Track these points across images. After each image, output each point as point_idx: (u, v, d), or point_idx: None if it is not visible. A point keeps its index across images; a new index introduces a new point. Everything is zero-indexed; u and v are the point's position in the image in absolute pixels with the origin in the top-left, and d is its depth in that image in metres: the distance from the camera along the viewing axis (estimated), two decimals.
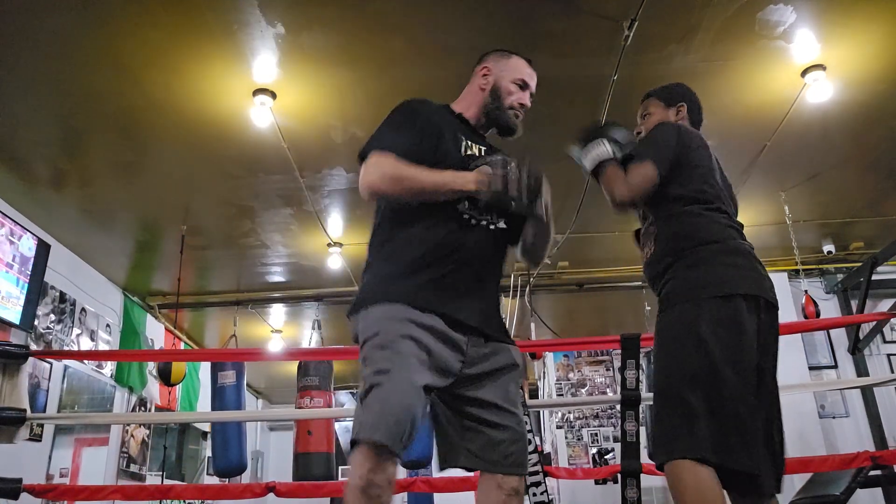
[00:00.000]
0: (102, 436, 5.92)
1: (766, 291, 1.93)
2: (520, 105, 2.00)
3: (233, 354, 5.73)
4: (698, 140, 2.13)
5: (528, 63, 2.05)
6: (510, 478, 1.70)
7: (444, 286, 1.72)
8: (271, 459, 10.34)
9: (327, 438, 5.54)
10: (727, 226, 2.02)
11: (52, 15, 3.14)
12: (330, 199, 4.98)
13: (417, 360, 1.61)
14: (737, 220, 2.10)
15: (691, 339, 1.84)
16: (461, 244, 1.75)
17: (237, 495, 3.59)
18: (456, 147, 1.87)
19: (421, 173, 1.74)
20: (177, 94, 3.72)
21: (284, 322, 7.53)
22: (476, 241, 1.78)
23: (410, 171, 1.73)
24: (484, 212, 1.81)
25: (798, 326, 4.82)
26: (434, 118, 1.90)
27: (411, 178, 1.73)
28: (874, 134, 4.39)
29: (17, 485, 2.96)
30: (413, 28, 3.38)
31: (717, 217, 2.02)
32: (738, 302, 1.86)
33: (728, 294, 1.87)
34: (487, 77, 2.00)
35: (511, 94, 1.98)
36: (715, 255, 1.95)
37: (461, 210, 1.78)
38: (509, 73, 2.00)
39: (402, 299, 1.68)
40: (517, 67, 2.02)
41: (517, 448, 1.72)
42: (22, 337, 4.63)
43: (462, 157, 1.86)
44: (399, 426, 1.52)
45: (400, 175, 1.73)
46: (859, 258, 6.01)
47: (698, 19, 3.38)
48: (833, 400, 5.90)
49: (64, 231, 5.18)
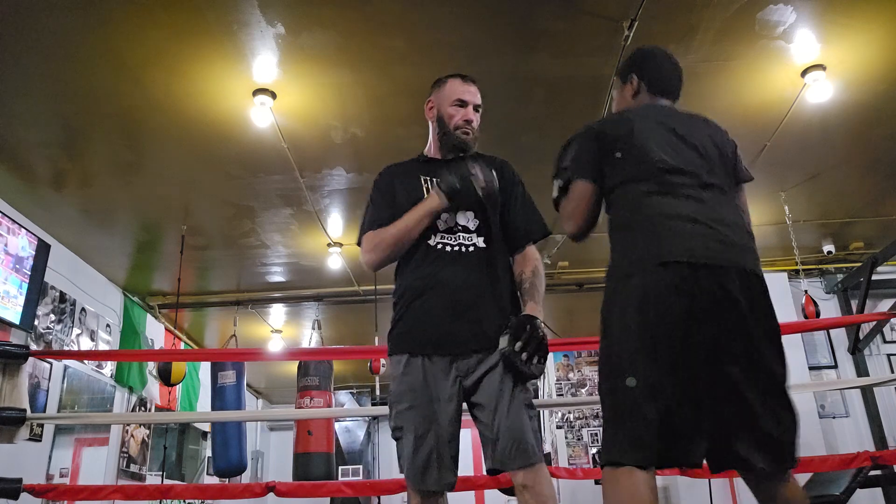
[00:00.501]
0: (102, 436, 5.93)
1: (700, 255, 1.60)
2: (465, 122, 2.07)
3: (233, 354, 5.74)
4: (627, 123, 1.82)
5: (464, 79, 2.12)
6: (517, 473, 1.76)
7: (423, 325, 1.92)
8: (271, 459, 10.34)
9: (327, 438, 5.55)
10: (658, 193, 1.71)
11: (52, 15, 3.14)
12: (330, 199, 4.98)
13: (418, 414, 1.86)
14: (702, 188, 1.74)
15: (603, 333, 1.68)
16: (436, 280, 1.93)
17: (237, 495, 3.59)
18: (416, 192, 2.04)
19: (389, 227, 1.98)
20: (177, 94, 3.72)
21: (284, 322, 7.53)
22: (453, 271, 1.93)
23: (381, 233, 1.99)
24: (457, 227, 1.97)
25: (798, 326, 4.82)
26: (393, 181, 2.11)
27: (383, 236, 1.98)
28: (874, 134, 4.39)
29: (17, 485, 2.96)
30: (413, 28, 3.38)
31: (648, 189, 1.72)
32: (651, 277, 1.60)
33: (632, 273, 1.64)
34: (432, 110, 2.13)
35: (452, 116, 2.08)
36: (627, 234, 1.72)
37: (433, 244, 1.96)
38: (446, 97, 2.11)
39: (394, 350, 1.96)
40: (452, 89, 2.11)
41: (512, 442, 1.78)
42: (22, 337, 4.63)
43: (424, 198, 2.02)
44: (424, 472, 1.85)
45: (376, 241, 2.00)
46: (859, 258, 6.02)
47: (698, 19, 3.38)
48: (833, 400, 5.90)
49: (64, 231, 5.18)
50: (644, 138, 1.77)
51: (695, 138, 1.82)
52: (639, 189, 1.73)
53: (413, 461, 1.86)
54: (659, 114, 1.88)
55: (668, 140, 1.78)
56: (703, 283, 1.58)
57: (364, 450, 10.33)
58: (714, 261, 1.61)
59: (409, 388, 1.88)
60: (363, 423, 10.46)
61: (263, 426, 10.39)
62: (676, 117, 1.88)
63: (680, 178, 1.72)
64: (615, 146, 1.78)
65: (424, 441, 1.84)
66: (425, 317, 1.92)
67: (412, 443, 1.85)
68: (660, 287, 1.59)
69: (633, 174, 1.75)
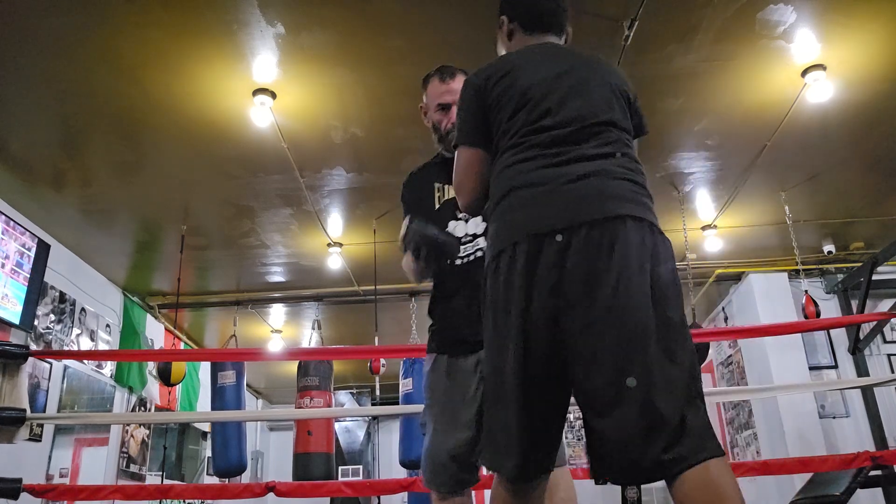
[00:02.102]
0: (102, 436, 5.92)
1: (540, 222, 1.36)
2: (453, 125, 1.92)
3: (233, 354, 5.74)
4: (501, 70, 1.57)
5: (442, 77, 2.04)
6: None
7: (449, 326, 1.94)
8: (271, 459, 10.34)
9: (327, 438, 5.54)
10: (517, 163, 1.46)
11: (52, 15, 3.14)
12: (330, 199, 4.98)
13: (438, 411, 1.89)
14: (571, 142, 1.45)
15: None
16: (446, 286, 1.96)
17: (237, 495, 3.59)
18: (429, 201, 2.03)
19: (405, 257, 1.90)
20: (177, 94, 3.72)
21: (284, 322, 7.53)
22: (459, 277, 1.92)
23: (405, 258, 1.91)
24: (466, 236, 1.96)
25: (798, 326, 4.83)
26: (412, 193, 2.10)
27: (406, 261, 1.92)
28: (874, 134, 4.39)
29: (17, 485, 2.96)
30: (413, 28, 3.38)
31: (513, 161, 1.47)
32: (496, 264, 1.41)
33: (489, 263, 1.45)
34: (426, 114, 2.09)
35: (440, 121, 2.02)
36: (491, 224, 1.50)
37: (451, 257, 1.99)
38: (431, 102, 2.05)
39: (427, 349, 2.00)
40: (433, 93, 2.05)
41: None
42: (22, 337, 4.63)
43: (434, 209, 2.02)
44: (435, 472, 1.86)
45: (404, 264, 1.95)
46: (859, 258, 6.01)
47: (698, 19, 3.38)
48: (833, 400, 5.90)
49: (64, 231, 5.18)
50: (524, 86, 1.52)
51: (581, 80, 1.55)
52: (510, 158, 1.49)
53: (426, 459, 1.88)
54: (537, 54, 1.62)
55: (549, 85, 1.52)
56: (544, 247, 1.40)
57: (364, 450, 10.34)
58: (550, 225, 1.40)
59: (432, 386, 1.92)
60: (363, 424, 10.47)
61: (263, 426, 10.38)
62: (559, 56, 1.61)
63: (539, 138, 1.46)
64: (500, 101, 1.53)
65: (441, 439, 1.85)
66: (452, 317, 1.94)
67: (428, 440, 1.89)
68: (504, 272, 1.43)
69: (509, 139, 1.50)
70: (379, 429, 10.27)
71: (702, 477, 1.21)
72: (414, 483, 3.30)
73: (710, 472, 1.22)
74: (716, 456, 1.23)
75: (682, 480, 1.22)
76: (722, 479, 1.22)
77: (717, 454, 1.23)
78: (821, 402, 5.84)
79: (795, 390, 5.74)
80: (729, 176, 4.86)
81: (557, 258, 1.33)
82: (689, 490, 1.21)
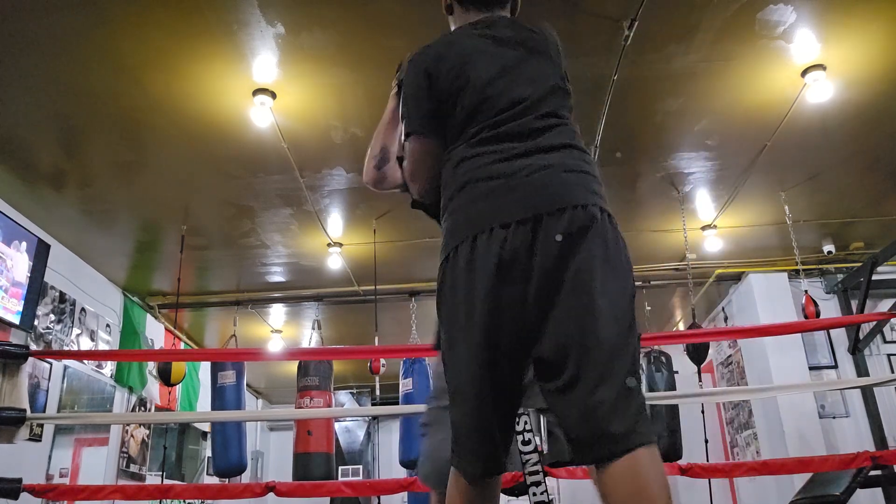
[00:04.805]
0: (102, 436, 5.93)
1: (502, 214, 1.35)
2: None
3: (233, 354, 5.74)
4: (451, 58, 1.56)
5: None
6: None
7: None
8: (271, 459, 10.34)
9: (327, 438, 5.54)
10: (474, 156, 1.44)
11: (52, 15, 3.14)
12: (330, 199, 4.98)
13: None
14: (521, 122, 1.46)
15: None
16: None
17: (237, 495, 3.59)
18: None
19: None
20: (177, 94, 3.72)
21: (284, 322, 7.53)
22: None
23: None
24: None
25: (798, 326, 4.83)
26: None
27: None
28: (874, 134, 4.39)
29: (17, 485, 2.96)
30: (413, 28, 3.37)
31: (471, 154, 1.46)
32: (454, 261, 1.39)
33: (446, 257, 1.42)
34: None
35: None
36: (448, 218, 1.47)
37: None
38: None
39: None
40: None
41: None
42: (22, 337, 4.63)
43: None
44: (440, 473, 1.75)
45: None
46: (859, 258, 6.01)
47: (698, 19, 3.38)
48: (833, 400, 5.90)
49: (64, 231, 5.18)
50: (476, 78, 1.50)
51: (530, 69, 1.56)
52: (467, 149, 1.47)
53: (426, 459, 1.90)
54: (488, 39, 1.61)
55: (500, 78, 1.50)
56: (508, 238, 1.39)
57: (364, 450, 10.34)
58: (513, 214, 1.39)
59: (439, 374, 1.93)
60: (363, 423, 10.47)
61: (263, 426, 10.38)
62: (504, 41, 1.61)
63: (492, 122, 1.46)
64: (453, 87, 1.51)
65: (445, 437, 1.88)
66: None
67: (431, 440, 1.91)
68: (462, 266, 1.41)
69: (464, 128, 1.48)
70: (379, 429, 10.27)
71: (629, 466, 1.19)
72: (414, 483, 3.29)
73: (639, 461, 1.19)
74: (646, 444, 1.20)
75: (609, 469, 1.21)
76: (648, 471, 1.19)
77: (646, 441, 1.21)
78: (821, 402, 5.84)
79: (795, 390, 5.75)
80: (729, 176, 4.86)
81: (520, 249, 1.33)
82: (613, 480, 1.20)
